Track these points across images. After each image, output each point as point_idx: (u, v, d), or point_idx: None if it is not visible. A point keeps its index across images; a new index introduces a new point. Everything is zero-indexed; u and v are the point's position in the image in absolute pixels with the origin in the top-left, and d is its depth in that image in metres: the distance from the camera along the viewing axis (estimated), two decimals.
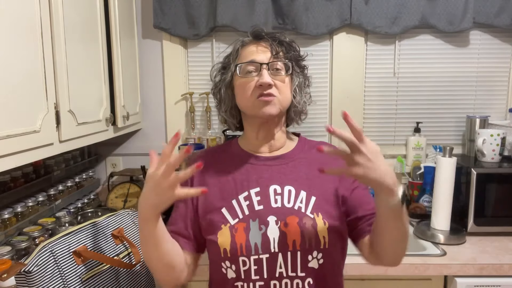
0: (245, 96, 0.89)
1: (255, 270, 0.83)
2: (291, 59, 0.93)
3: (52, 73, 1.04)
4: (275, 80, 0.88)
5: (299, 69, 0.96)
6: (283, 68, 0.90)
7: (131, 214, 1.12)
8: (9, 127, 0.86)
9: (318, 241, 0.83)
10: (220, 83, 0.96)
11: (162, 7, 1.69)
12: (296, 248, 0.83)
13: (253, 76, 0.88)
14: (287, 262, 0.83)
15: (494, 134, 1.51)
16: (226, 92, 0.95)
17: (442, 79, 1.81)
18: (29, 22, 0.94)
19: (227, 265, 0.85)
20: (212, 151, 1.02)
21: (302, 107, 0.97)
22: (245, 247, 0.83)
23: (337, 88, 1.81)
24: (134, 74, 1.71)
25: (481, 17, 1.69)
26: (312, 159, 0.95)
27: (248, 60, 0.89)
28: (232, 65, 0.93)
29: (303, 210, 0.86)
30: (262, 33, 0.93)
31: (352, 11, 1.69)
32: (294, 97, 0.94)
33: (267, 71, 0.87)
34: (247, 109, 0.91)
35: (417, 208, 1.64)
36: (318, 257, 0.84)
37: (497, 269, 1.22)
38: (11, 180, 1.22)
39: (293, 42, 0.96)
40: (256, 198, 0.88)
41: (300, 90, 0.95)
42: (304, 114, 1.00)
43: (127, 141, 1.86)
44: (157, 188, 0.74)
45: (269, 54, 0.90)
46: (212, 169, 0.95)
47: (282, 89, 0.89)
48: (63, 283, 0.84)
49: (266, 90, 0.87)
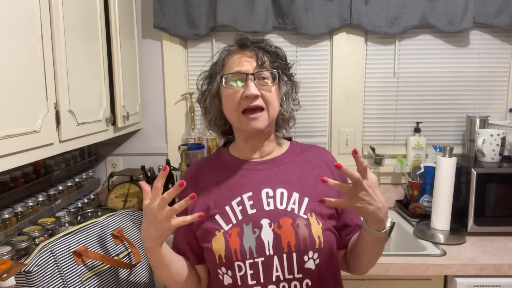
0: (231, 108, 0.89)
1: (251, 274, 0.83)
2: (277, 68, 0.92)
3: (52, 73, 1.04)
4: (262, 91, 0.88)
5: (286, 78, 0.96)
6: (269, 77, 0.90)
7: (131, 214, 1.12)
8: (9, 127, 0.86)
9: (313, 241, 0.83)
10: (206, 93, 0.97)
11: (162, 7, 1.69)
12: (291, 250, 0.82)
13: (239, 87, 0.88)
14: (283, 264, 0.82)
15: (494, 134, 1.51)
16: (213, 101, 0.96)
17: (442, 79, 1.81)
18: (29, 22, 0.94)
19: (223, 271, 0.85)
20: (203, 162, 1.02)
21: (290, 114, 0.97)
22: (240, 251, 0.83)
23: (337, 88, 1.81)
24: (134, 74, 1.71)
25: (481, 17, 1.69)
26: (304, 161, 0.95)
27: (233, 71, 0.89)
28: (218, 76, 0.93)
29: (296, 211, 0.86)
30: (247, 42, 0.93)
31: (352, 11, 1.69)
32: (281, 105, 0.94)
33: (253, 82, 0.87)
34: (234, 122, 0.92)
35: (417, 208, 1.64)
36: (314, 257, 0.84)
37: (497, 269, 1.22)
38: (11, 180, 1.22)
39: (278, 50, 0.96)
40: (248, 202, 0.88)
41: (287, 98, 0.95)
42: (293, 121, 1.01)
43: (127, 141, 1.86)
44: (155, 221, 0.78)
45: (254, 64, 0.89)
46: (204, 180, 0.95)
47: (269, 100, 0.89)
48: (63, 283, 0.84)
49: (252, 102, 0.87)
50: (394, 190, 1.85)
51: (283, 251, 0.82)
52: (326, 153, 1.01)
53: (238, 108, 0.88)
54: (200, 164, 1.01)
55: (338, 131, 1.83)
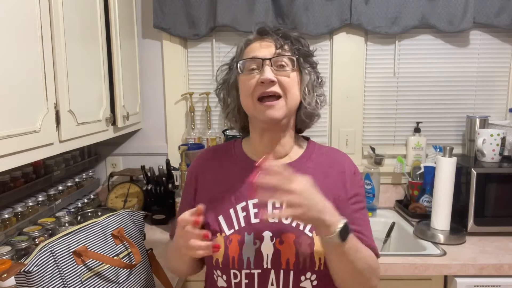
0: (246, 94, 0.83)
1: (246, 284, 0.81)
2: (297, 53, 0.85)
3: (52, 73, 1.04)
4: (279, 77, 0.81)
5: (308, 65, 0.88)
6: (288, 64, 0.83)
7: (131, 214, 1.12)
8: (9, 127, 0.86)
9: (313, 262, 0.79)
10: (224, 84, 0.92)
11: (162, 7, 1.69)
12: (289, 267, 0.79)
13: (254, 73, 0.82)
14: (279, 280, 0.80)
15: (494, 134, 1.51)
16: (231, 92, 0.90)
17: (442, 79, 1.81)
18: (29, 22, 0.94)
19: (218, 273, 0.84)
20: (214, 150, 0.98)
21: (314, 108, 0.88)
22: (237, 260, 0.80)
23: (337, 88, 1.81)
24: (134, 74, 1.71)
25: (481, 17, 1.69)
26: (317, 169, 0.88)
27: (249, 57, 0.84)
28: (235, 64, 0.88)
29: (301, 227, 0.82)
30: (267, 28, 0.87)
31: (352, 11, 1.68)
32: (304, 97, 0.86)
33: (270, 67, 0.81)
34: (249, 109, 0.85)
35: (417, 208, 1.64)
36: (311, 278, 0.80)
37: (497, 269, 1.22)
38: (11, 180, 1.22)
39: (301, 38, 0.89)
40: (253, 210, 0.84)
41: (311, 90, 0.87)
42: (317, 117, 0.92)
43: (127, 141, 1.86)
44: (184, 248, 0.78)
45: (273, 49, 0.83)
46: (213, 170, 0.92)
47: (287, 87, 0.82)
48: (63, 283, 0.84)
49: (268, 88, 0.80)
50: (394, 190, 1.85)
51: (281, 267, 0.80)
52: (343, 160, 0.92)
53: (253, 95, 0.82)
54: (209, 154, 0.97)
55: (338, 131, 1.83)
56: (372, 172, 1.73)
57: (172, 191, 1.62)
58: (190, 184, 0.94)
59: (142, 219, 1.14)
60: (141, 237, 1.10)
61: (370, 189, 1.72)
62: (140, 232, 1.11)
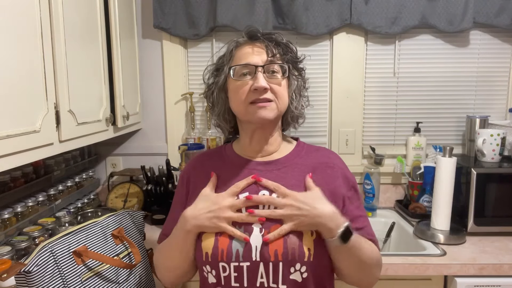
0: (239, 100, 0.86)
1: (235, 277, 0.81)
2: (288, 61, 0.89)
3: (52, 73, 1.04)
4: (271, 84, 0.85)
5: (296, 72, 0.93)
6: (279, 71, 0.87)
7: (131, 214, 1.12)
8: (9, 127, 0.86)
9: (302, 253, 0.79)
10: (213, 86, 0.94)
11: (162, 7, 1.69)
12: (278, 259, 0.79)
13: (247, 79, 0.85)
14: (269, 272, 0.80)
15: (494, 134, 1.51)
16: (219, 95, 0.92)
17: (442, 79, 1.81)
18: (29, 22, 0.94)
19: (207, 269, 0.84)
20: (205, 155, 1.00)
21: (300, 111, 0.94)
22: (226, 253, 0.81)
23: (337, 88, 1.81)
24: (134, 74, 1.71)
25: (481, 17, 1.69)
26: (307, 165, 0.91)
27: (242, 63, 0.86)
28: (226, 67, 0.90)
29: None
30: (258, 33, 0.89)
31: (352, 11, 1.68)
32: (291, 102, 0.91)
33: (263, 74, 0.84)
34: (241, 114, 0.89)
35: (417, 208, 1.64)
36: (301, 270, 0.80)
37: (497, 269, 1.22)
38: (11, 180, 1.22)
39: (290, 43, 0.92)
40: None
41: (298, 94, 0.93)
42: (302, 118, 0.98)
43: (127, 141, 1.86)
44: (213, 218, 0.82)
45: (264, 56, 0.86)
46: (205, 171, 0.93)
47: (278, 93, 0.86)
48: (63, 283, 0.84)
49: (261, 95, 0.84)
50: (394, 190, 1.85)
51: (270, 259, 0.80)
52: (332, 157, 0.96)
53: (246, 101, 0.85)
54: (202, 157, 1.00)
55: (338, 131, 1.83)
56: (372, 172, 1.73)
57: (172, 191, 1.62)
58: (182, 187, 0.97)
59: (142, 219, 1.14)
60: (141, 237, 1.10)
61: (370, 189, 1.72)
62: (140, 232, 1.11)
